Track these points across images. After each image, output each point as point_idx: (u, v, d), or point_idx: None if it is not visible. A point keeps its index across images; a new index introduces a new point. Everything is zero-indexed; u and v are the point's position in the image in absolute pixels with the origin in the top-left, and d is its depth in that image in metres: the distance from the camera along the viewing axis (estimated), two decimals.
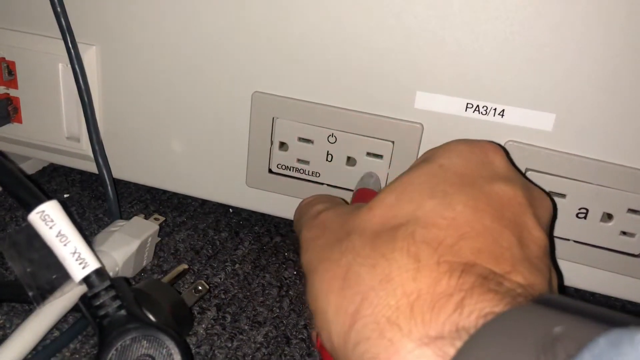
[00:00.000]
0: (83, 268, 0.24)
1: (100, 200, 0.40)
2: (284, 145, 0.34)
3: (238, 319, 0.31)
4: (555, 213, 0.30)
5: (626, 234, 0.31)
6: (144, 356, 0.23)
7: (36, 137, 0.38)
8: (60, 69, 0.35)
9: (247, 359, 0.29)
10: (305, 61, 0.31)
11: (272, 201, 0.36)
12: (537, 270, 0.18)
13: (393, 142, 0.32)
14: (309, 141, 0.33)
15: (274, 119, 0.33)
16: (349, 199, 0.31)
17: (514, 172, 0.22)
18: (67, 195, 0.40)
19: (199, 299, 0.31)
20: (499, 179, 0.21)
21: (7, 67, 0.36)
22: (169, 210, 0.40)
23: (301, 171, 0.34)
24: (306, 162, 0.34)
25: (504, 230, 0.19)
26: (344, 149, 0.33)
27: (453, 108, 0.30)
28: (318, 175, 0.34)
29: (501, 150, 0.22)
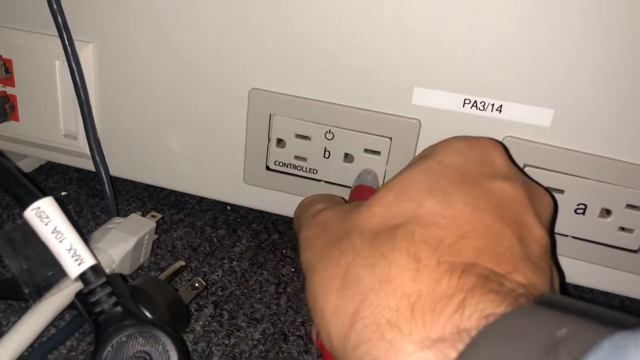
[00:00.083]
0: (79, 265, 0.24)
1: (97, 198, 0.40)
2: (281, 142, 0.34)
3: (235, 316, 0.31)
4: (555, 211, 0.30)
5: (625, 229, 0.31)
6: (140, 353, 0.23)
7: (33, 135, 0.38)
8: (57, 66, 0.35)
9: (244, 356, 0.29)
10: (302, 57, 0.31)
11: (269, 198, 0.36)
12: (538, 269, 0.18)
13: (390, 139, 0.32)
14: (307, 138, 0.33)
15: (271, 115, 0.33)
16: (346, 196, 0.31)
17: (514, 169, 0.22)
18: (64, 193, 0.40)
19: (196, 295, 0.31)
20: (499, 176, 0.20)
21: (3, 64, 0.36)
22: (166, 207, 0.40)
23: (299, 168, 0.34)
24: (304, 158, 0.34)
25: (504, 229, 0.18)
26: (341, 146, 0.33)
27: (451, 104, 0.30)
28: (315, 172, 0.34)
29: (501, 147, 0.22)
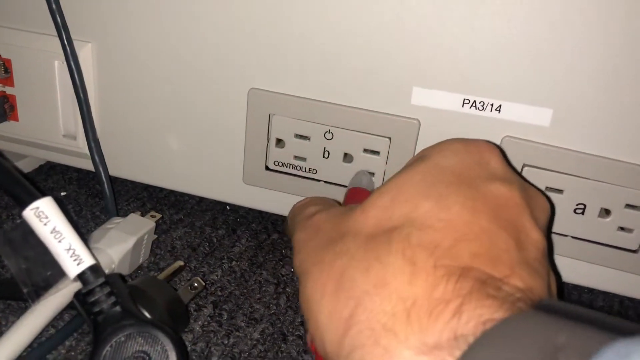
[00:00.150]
0: (78, 264, 0.24)
1: (97, 198, 0.40)
2: (280, 142, 0.34)
3: (234, 316, 0.31)
4: (552, 213, 0.30)
5: (624, 229, 0.31)
6: (139, 352, 0.23)
7: (33, 135, 0.38)
8: (57, 66, 0.35)
9: (243, 355, 0.29)
10: (302, 57, 0.31)
11: (269, 198, 0.36)
12: (535, 273, 0.18)
13: (390, 138, 0.32)
14: (306, 138, 0.33)
15: (270, 115, 0.33)
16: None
17: (511, 172, 0.21)
18: (64, 193, 0.40)
19: (195, 295, 0.31)
20: (495, 179, 0.20)
21: (3, 64, 0.36)
22: (166, 207, 0.40)
23: (298, 168, 0.34)
24: (303, 158, 0.34)
25: (501, 232, 0.18)
26: (340, 146, 0.33)
27: (450, 104, 0.30)
28: (315, 172, 0.34)
29: (497, 150, 0.22)
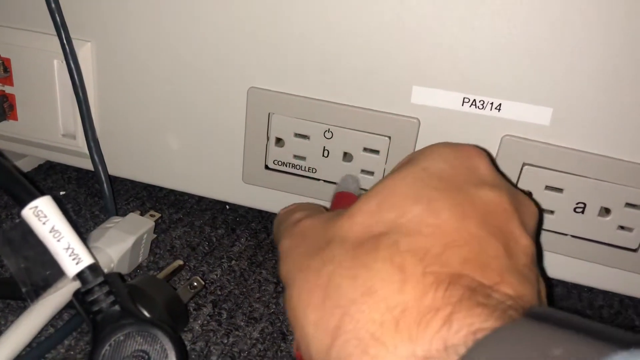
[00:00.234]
0: (77, 264, 0.24)
1: (96, 198, 0.40)
2: (280, 141, 0.34)
3: (234, 315, 0.31)
4: (540, 219, 0.29)
5: (624, 228, 0.30)
6: (138, 352, 0.23)
7: (32, 135, 0.38)
8: (56, 65, 0.35)
9: (242, 355, 0.29)
10: (301, 56, 0.31)
11: (268, 197, 0.36)
12: (525, 280, 0.18)
13: (390, 137, 0.31)
14: (305, 137, 0.33)
15: (270, 114, 0.33)
16: None
17: (499, 177, 0.21)
18: (63, 193, 0.40)
19: (195, 295, 0.31)
20: (484, 184, 0.20)
21: (2, 64, 0.36)
22: (165, 207, 0.40)
23: (298, 167, 0.34)
24: (302, 158, 0.34)
25: (490, 238, 0.18)
26: (340, 145, 0.32)
27: (450, 102, 0.30)
28: (314, 171, 0.34)
29: (485, 155, 0.22)
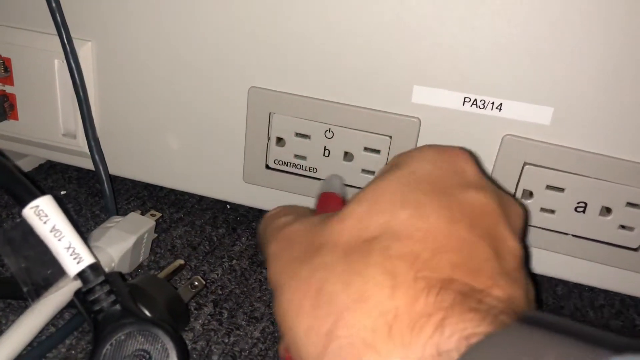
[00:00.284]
0: (78, 263, 0.24)
1: (97, 197, 0.40)
2: (281, 141, 0.34)
3: (235, 314, 0.31)
4: (526, 220, 0.29)
5: (625, 227, 0.30)
6: (139, 351, 0.23)
7: (32, 134, 0.38)
8: (56, 65, 0.35)
9: (244, 354, 0.29)
10: (302, 56, 0.31)
11: (269, 197, 0.36)
12: (515, 282, 0.18)
13: (390, 137, 0.31)
14: (306, 136, 0.33)
15: (270, 114, 0.33)
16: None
17: (485, 179, 0.21)
18: (63, 192, 0.40)
19: (196, 294, 0.31)
20: (470, 187, 0.20)
21: (2, 63, 0.36)
22: (166, 206, 0.40)
23: (298, 167, 0.34)
24: (303, 157, 0.34)
25: (479, 242, 0.18)
26: (341, 144, 0.32)
27: (450, 102, 0.30)
28: (315, 170, 0.34)
29: (471, 157, 0.22)
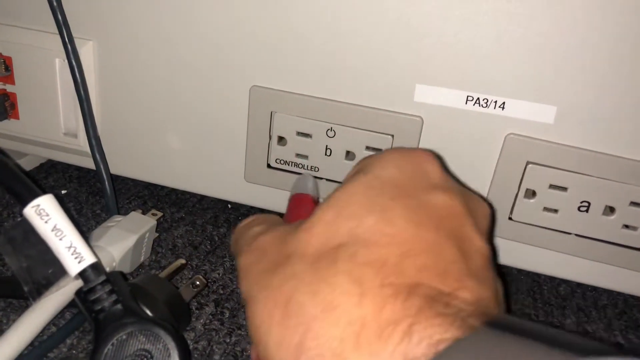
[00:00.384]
0: (79, 262, 0.24)
1: (98, 197, 0.40)
2: (282, 140, 0.33)
3: (236, 314, 0.31)
4: (493, 218, 0.28)
5: (628, 227, 0.30)
6: (140, 351, 0.23)
7: (33, 133, 0.37)
8: (57, 64, 0.35)
9: (245, 354, 0.29)
10: (304, 54, 0.31)
11: (270, 196, 0.36)
12: (483, 282, 0.18)
13: (392, 136, 0.31)
14: (308, 135, 0.33)
15: (272, 113, 0.33)
16: None
17: (450, 180, 0.21)
18: (64, 191, 0.40)
19: (197, 294, 0.31)
20: (435, 188, 0.20)
21: (3, 62, 0.36)
22: (167, 206, 0.40)
23: (300, 166, 0.34)
24: (305, 156, 0.33)
25: (446, 243, 0.18)
26: (343, 143, 0.32)
27: (453, 101, 0.30)
28: (317, 169, 0.34)
29: (435, 159, 0.22)
